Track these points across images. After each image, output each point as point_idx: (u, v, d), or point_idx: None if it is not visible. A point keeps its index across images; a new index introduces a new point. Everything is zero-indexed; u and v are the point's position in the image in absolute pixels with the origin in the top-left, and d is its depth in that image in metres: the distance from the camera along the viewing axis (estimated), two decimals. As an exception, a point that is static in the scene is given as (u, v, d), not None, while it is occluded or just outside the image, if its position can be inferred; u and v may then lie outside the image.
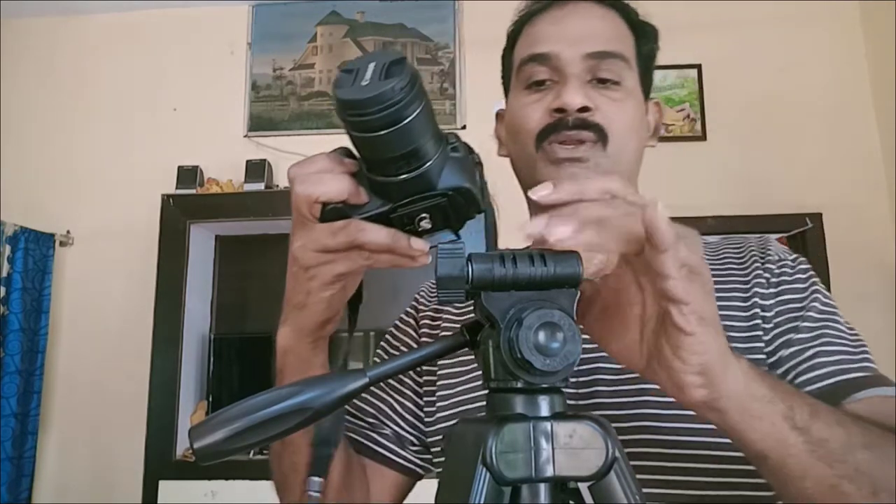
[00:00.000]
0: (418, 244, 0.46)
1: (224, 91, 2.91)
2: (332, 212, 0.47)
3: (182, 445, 2.55)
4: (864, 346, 0.65)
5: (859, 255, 2.54)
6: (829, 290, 0.69)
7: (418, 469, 0.79)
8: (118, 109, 2.91)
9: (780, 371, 0.65)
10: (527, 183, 0.73)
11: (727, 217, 2.56)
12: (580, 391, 0.68)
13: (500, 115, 0.81)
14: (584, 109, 0.68)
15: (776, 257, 0.71)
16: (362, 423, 0.79)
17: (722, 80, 2.73)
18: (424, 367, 0.78)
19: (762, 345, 0.66)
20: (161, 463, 2.52)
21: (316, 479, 0.55)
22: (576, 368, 0.69)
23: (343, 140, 0.47)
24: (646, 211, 0.40)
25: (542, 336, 0.40)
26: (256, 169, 2.71)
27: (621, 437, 0.42)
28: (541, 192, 0.43)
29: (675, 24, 2.72)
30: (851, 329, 0.67)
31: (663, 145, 2.83)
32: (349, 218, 0.47)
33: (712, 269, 0.71)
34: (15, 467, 2.47)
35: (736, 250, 0.74)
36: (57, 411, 2.70)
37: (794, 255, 0.72)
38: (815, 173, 2.64)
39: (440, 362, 0.77)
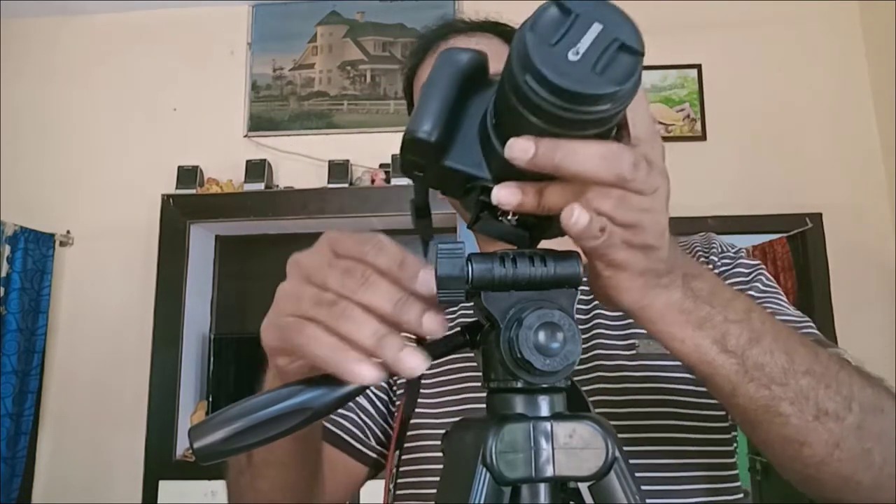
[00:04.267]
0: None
1: (224, 91, 2.91)
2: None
3: (182, 445, 2.55)
4: (808, 319, 0.68)
5: (859, 255, 2.54)
6: (828, 290, 0.71)
7: (375, 462, 0.78)
8: (118, 109, 2.91)
9: None
10: (458, 209, 0.75)
11: (727, 217, 2.56)
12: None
13: None
14: None
15: (719, 249, 0.76)
16: None
17: (722, 80, 2.73)
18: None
19: None
20: (161, 463, 2.53)
21: None
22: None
23: (342, 140, 0.44)
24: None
25: (542, 336, 0.40)
26: (256, 169, 2.71)
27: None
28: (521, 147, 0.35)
29: (675, 24, 2.76)
30: (793, 306, 0.70)
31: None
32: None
33: None
34: (8, 467, 2.47)
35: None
36: (57, 411, 2.70)
37: (737, 248, 0.77)
38: (815, 173, 2.64)
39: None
